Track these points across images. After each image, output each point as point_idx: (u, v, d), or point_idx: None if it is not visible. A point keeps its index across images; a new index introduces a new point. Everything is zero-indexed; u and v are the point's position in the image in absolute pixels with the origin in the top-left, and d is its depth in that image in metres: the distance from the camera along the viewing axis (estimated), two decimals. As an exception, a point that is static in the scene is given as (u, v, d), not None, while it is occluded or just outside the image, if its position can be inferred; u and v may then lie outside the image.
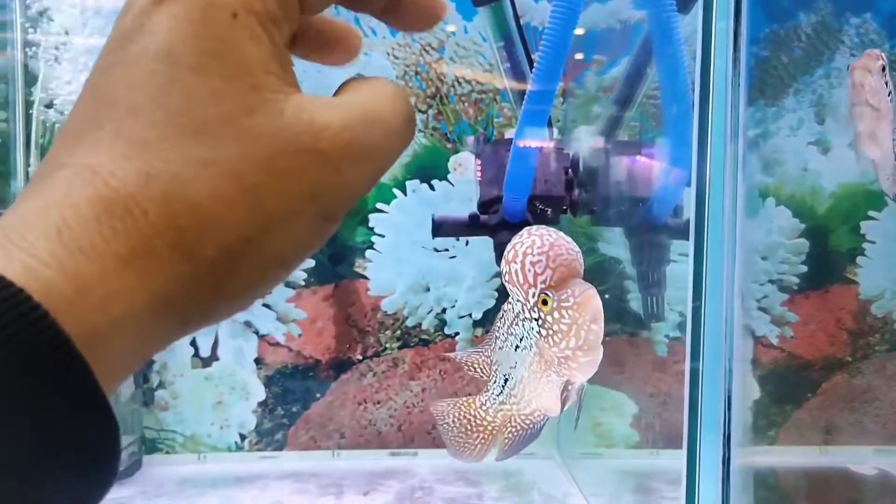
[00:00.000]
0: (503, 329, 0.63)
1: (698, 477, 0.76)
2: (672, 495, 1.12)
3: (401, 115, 0.24)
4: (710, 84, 0.73)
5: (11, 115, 1.12)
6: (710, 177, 0.74)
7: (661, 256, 1.10)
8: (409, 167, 1.24)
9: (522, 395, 0.66)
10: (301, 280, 1.23)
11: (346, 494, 1.08)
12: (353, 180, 0.22)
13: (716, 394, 0.75)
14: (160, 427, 1.20)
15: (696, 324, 0.75)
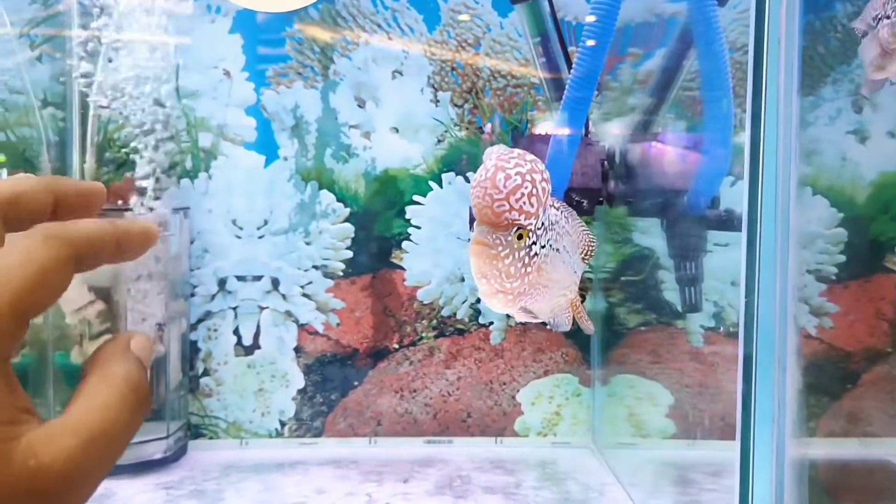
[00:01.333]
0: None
1: (752, 469, 0.74)
2: (712, 486, 1.10)
3: (126, 426, 0.27)
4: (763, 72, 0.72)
5: (68, 115, 1.16)
6: (762, 167, 0.72)
7: (698, 247, 1.08)
8: (444, 160, 1.24)
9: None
10: (339, 271, 1.24)
11: (387, 481, 1.08)
12: (76, 499, 0.25)
13: (769, 386, 0.73)
14: (204, 413, 1.22)
15: (748, 316, 0.73)
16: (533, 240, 0.52)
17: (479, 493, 1.04)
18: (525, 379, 1.25)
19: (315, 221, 1.23)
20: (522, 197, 0.51)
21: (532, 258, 0.53)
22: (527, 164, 0.51)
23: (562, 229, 0.58)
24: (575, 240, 0.62)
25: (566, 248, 0.59)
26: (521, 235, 0.52)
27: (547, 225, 0.54)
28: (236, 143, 1.22)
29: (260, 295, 1.22)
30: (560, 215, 0.57)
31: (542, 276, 0.56)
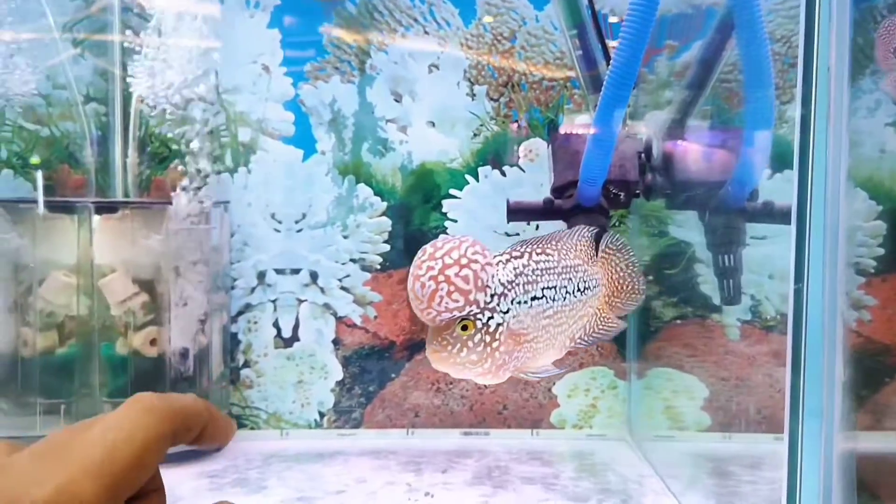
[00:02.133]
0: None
1: (800, 463, 0.73)
2: (750, 478, 1.09)
3: None
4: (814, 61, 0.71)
5: (110, 110, 1.16)
6: (812, 157, 0.71)
7: (736, 240, 1.07)
8: (480, 154, 1.24)
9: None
10: (377, 264, 1.24)
11: (426, 472, 1.08)
12: None
13: (817, 378, 0.72)
14: (245, 404, 1.23)
15: (797, 308, 0.72)
16: (484, 319, 0.52)
17: (517, 483, 1.04)
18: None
19: (352, 215, 1.23)
20: (442, 298, 0.51)
21: (495, 332, 0.53)
22: (437, 262, 0.51)
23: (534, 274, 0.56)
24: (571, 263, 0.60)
25: (549, 286, 0.58)
26: (466, 326, 0.52)
27: (505, 288, 0.53)
28: (275, 138, 1.22)
29: (299, 288, 1.23)
30: (528, 260, 0.56)
31: (520, 338, 0.55)
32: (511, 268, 0.56)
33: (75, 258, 1.10)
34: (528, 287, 0.56)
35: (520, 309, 0.55)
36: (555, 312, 0.58)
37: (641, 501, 0.97)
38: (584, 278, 0.62)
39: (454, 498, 0.97)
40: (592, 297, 0.62)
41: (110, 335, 1.12)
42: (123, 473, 0.25)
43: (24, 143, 1.17)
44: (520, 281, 0.56)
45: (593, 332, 0.64)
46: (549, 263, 0.59)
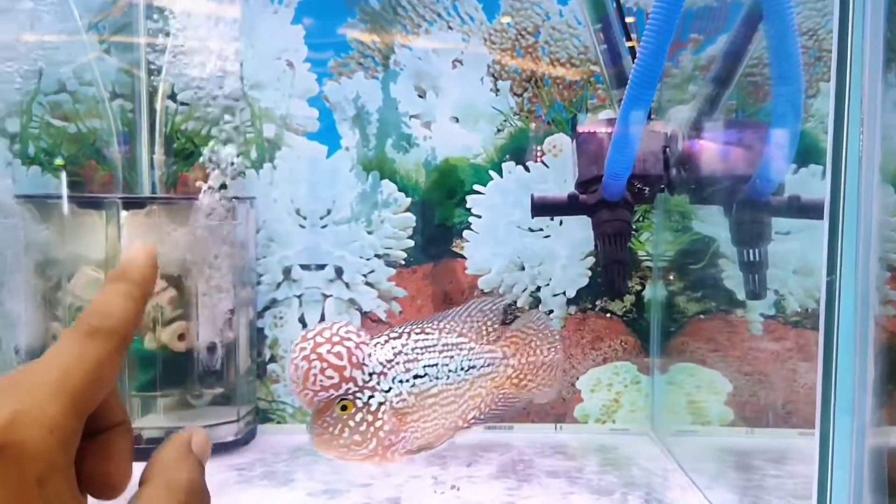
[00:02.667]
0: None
1: (832, 458, 0.73)
2: (775, 472, 1.09)
3: None
4: (848, 54, 0.70)
5: (136, 106, 1.17)
6: (846, 152, 0.70)
7: (762, 234, 1.06)
8: (504, 149, 1.23)
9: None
10: (401, 260, 1.24)
11: (450, 465, 1.09)
12: None
13: (849, 373, 0.72)
14: (272, 399, 1.24)
15: (829, 302, 0.72)
16: (364, 398, 0.52)
17: (542, 476, 1.04)
18: (584, 366, 1.25)
19: (377, 211, 1.23)
20: (316, 376, 0.51)
21: (377, 410, 0.53)
22: (309, 342, 0.52)
23: (414, 352, 0.56)
24: (454, 342, 0.60)
25: (431, 364, 0.58)
26: (345, 406, 0.52)
27: (384, 367, 0.53)
28: (299, 134, 1.22)
29: (324, 283, 1.23)
30: (407, 340, 0.56)
31: (404, 417, 0.55)
32: (390, 347, 0.57)
33: (103, 253, 1.11)
34: (409, 365, 0.57)
35: (402, 387, 0.56)
36: (440, 391, 0.59)
37: (666, 495, 0.98)
38: (470, 357, 0.62)
39: (480, 491, 0.98)
40: (481, 377, 0.62)
41: (139, 330, 1.12)
42: (81, 390, 0.26)
43: (52, 140, 1.18)
44: (399, 360, 0.57)
45: (491, 410, 0.63)
46: (429, 342, 0.60)
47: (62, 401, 0.24)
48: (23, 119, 1.16)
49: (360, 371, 0.53)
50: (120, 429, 0.30)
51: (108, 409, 0.30)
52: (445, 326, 0.60)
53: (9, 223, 1.08)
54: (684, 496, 0.98)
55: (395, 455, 0.55)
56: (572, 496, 0.97)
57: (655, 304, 1.26)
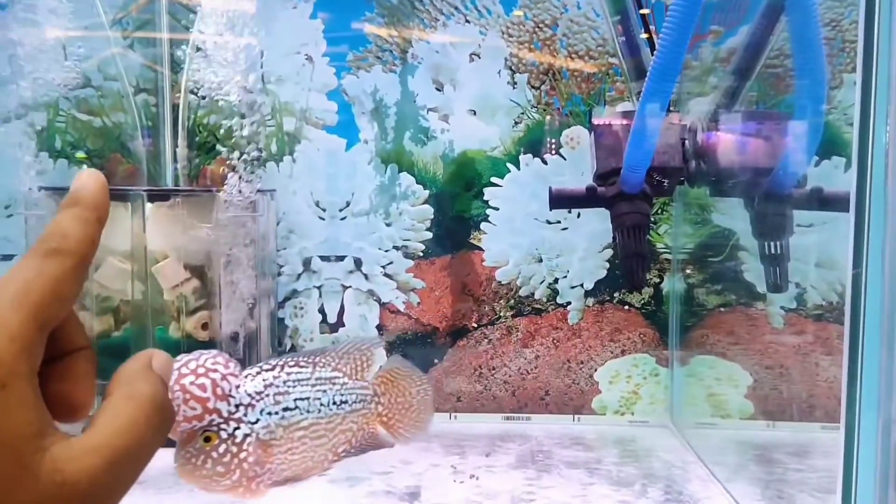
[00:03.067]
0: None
1: (857, 453, 0.72)
2: (797, 466, 1.08)
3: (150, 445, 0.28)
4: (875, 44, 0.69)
5: (160, 101, 1.19)
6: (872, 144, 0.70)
7: (784, 226, 1.05)
8: (521, 141, 1.23)
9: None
10: (419, 251, 1.25)
11: (469, 454, 1.09)
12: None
13: (875, 367, 0.71)
14: (292, 388, 1.25)
15: (855, 299, 0.71)
16: (230, 430, 0.53)
17: (561, 467, 1.04)
18: (602, 358, 1.25)
19: (395, 203, 1.24)
20: (180, 408, 0.52)
21: (242, 442, 0.53)
22: (174, 373, 0.52)
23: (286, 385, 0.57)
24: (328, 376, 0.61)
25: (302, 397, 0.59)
26: (209, 437, 0.52)
27: (252, 399, 0.54)
28: (318, 127, 1.23)
29: (343, 274, 1.24)
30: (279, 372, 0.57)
31: (271, 449, 0.56)
32: (261, 379, 0.58)
33: (129, 245, 1.13)
34: (280, 398, 0.59)
35: (270, 419, 0.57)
36: (310, 424, 0.60)
37: (686, 487, 0.97)
38: (342, 392, 0.64)
39: (499, 481, 0.98)
40: (353, 413, 0.64)
41: (163, 319, 1.14)
42: (41, 303, 0.26)
43: (78, 134, 1.20)
44: (270, 392, 0.58)
45: (361, 445, 0.65)
46: (302, 375, 0.61)
47: (22, 312, 0.25)
48: (49, 113, 1.18)
49: (226, 402, 0.55)
50: (82, 352, 0.31)
51: (70, 333, 0.30)
52: (321, 361, 0.62)
53: (37, 215, 1.11)
54: (705, 489, 0.97)
55: (261, 486, 0.57)
56: (592, 487, 0.97)
57: (674, 296, 1.25)
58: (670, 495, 0.94)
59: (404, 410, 0.66)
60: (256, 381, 0.56)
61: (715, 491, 0.97)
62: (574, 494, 0.94)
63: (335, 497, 0.93)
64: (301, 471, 0.59)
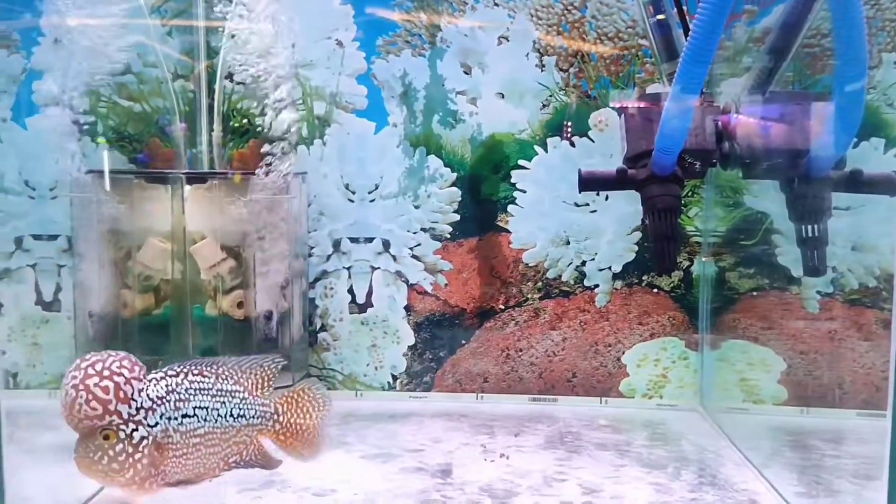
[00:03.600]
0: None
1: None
2: (834, 453, 1.06)
3: None
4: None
5: (197, 86, 1.23)
6: None
7: (822, 209, 1.03)
8: (549, 124, 1.24)
9: None
10: (447, 233, 1.26)
11: (498, 434, 1.10)
12: None
13: None
14: (322, 366, 1.29)
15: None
16: (128, 430, 0.54)
17: (591, 448, 1.04)
18: (630, 341, 1.24)
19: (423, 186, 1.25)
20: (81, 406, 0.53)
21: (139, 444, 0.54)
22: (81, 372, 0.53)
23: (188, 393, 0.58)
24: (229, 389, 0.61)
25: (202, 406, 0.60)
26: (108, 435, 0.53)
27: (154, 403, 0.55)
28: (348, 111, 1.25)
29: (372, 256, 1.27)
30: (182, 379, 0.58)
31: (166, 452, 0.56)
32: (164, 384, 0.60)
33: (169, 226, 1.18)
34: (180, 404, 0.60)
35: (169, 424, 0.59)
36: (206, 432, 0.62)
37: (720, 471, 0.96)
38: (241, 406, 0.65)
39: (529, 460, 0.99)
40: (249, 426, 0.65)
41: (201, 298, 1.18)
42: None
43: (119, 119, 1.25)
44: (171, 398, 0.59)
45: (253, 458, 0.66)
46: (205, 385, 0.62)
47: None
48: (91, 99, 1.23)
49: (127, 405, 0.57)
50: None
51: None
52: (223, 372, 0.64)
53: (83, 197, 1.16)
54: (739, 473, 0.96)
55: (153, 486, 0.59)
56: (624, 469, 0.96)
57: (704, 280, 1.24)
58: (704, 478, 0.93)
59: (301, 431, 0.68)
60: (160, 386, 0.59)
61: (749, 475, 0.95)
62: (606, 475, 0.94)
63: (368, 472, 0.95)
64: (193, 475, 0.61)
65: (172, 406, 0.61)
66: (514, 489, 0.88)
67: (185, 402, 0.62)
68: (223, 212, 1.16)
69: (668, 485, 0.91)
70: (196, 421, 0.62)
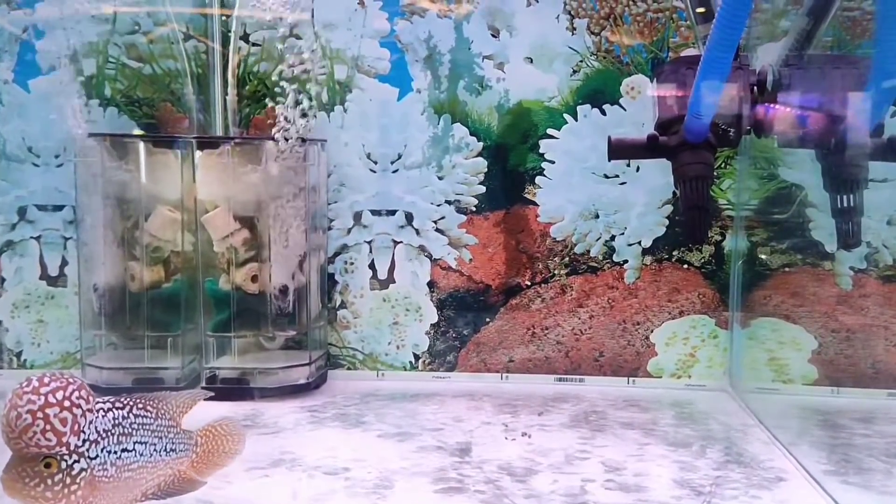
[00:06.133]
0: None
1: None
2: (864, 432, 1.06)
3: None
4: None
5: (210, 48, 1.18)
6: None
7: (858, 177, 1.01)
8: (580, 91, 1.21)
9: None
10: (472, 206, 1.24)
11: (521, 413, 1.10)
12: None
13: None
14: (342, 345, 1.26)
15: None
16: (69, 461, 0.54)
17: (616, 427, 1.04)
18: (659, 319, 1.23)
19: (448, 156, 1.23)
20: (35, 434, 0.54)
21: (77, 476, 0.55)
22: (40, 398, 0.53)
23: (131, 427, 0.60)
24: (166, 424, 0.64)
25: (141, 441, 0.61)
26: (49, 464, 0.53)
27: (99, 436, 0.55)
28: (371, 76, 1.23)
29: (394, 229, 1.25)
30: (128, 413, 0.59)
31: (99, 486, 0.57)
32: (111, 417, 0.60)
33: (179, 194, 1.14)
34: (122, 438, 0.61)
35: (108, 458, 0.59)
36: (139, 467, 0.63)
37: (747, 450, 0.96)
38: (174, 440, 0.67)
39: (553, 439, 0.98)
40: (176, 460, 0.66)
41: (213, 272, 1.15)
42: None
43: (128, 81, 1.20)
44: (116, 431, 0.60)
45: (168, 488, 0.68)
46: (147, 420, 0.63)
47: None
48: (98, 60, 1.18)
49: (77, 437, 0.57)
50: None
51: None
52: (162, 408, 0.65)
53: (86, 161, 1.11)
54: (767, 451, 0.96)
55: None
56: (648, 447, 0.96)
57: (736, 255, 1.23)
58: (730, 457, 0.93)
59: (212, 460, 0.71)
60: (107, 419, 0.59)
61: (777, 454, 0.96)
62: (630, 454, 0.94)
63: (385, 451, 0.93)
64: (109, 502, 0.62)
65: (115, 440, 0.63)
66: (534, 467, 0.90)
67: (128, 437, 0.63)
68: (237, 179, 1.13)
69: (693, 463, 0.90)
70: (133, 455, 0.64)
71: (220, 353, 1.20)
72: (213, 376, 1.16)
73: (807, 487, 0.86)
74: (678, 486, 0.84)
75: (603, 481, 0.85)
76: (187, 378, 1.18)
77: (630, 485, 0.84)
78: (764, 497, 0.82)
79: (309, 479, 0.83)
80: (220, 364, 1.18)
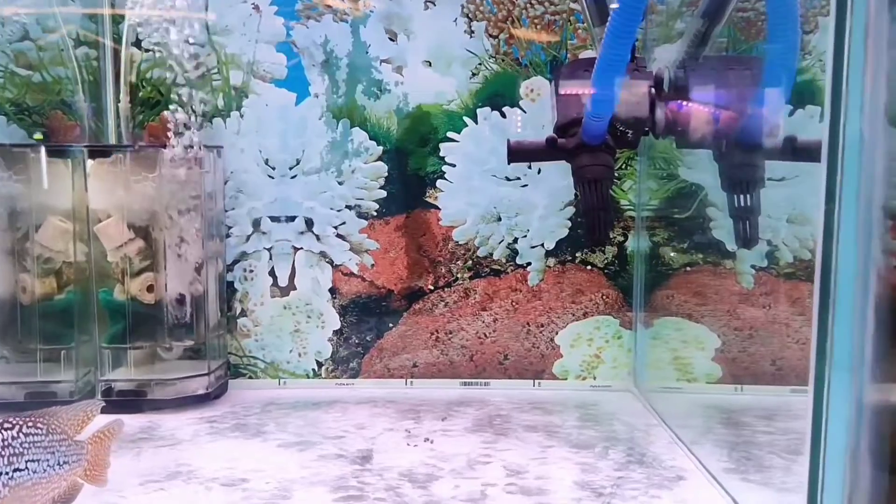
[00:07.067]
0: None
1: (826, 416, 0.70)
2: (766, 429, 1.06)
3: None
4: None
5: (101, 54, 1.16)
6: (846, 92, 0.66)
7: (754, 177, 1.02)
8: (479, 94, 1.20)
9: None
10: (373, 211, 1.22)
11: (425, 419, 1.06)
12: None
13: (847, 327, 0.68)
14: (243, 353, 1.24)
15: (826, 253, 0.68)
16: None
17: (520, 430, 1.01)
18: (564, 321, 1.22)
19: (347, 160, 1.20)
20: None
21: None
22: None
23: (22, 447, 0.58)
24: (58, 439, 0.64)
25: (34, 459, 0.60)
26: None
27: None
28: (267, 81, 1.18)
29: (294, 236, 1.21)
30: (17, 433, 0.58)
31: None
32: (0, 439, 0.59)
33: (70, 203, 1.12)
34: (13, 459, 0.60)
35: (0, 479, 0.59)
36: (34, 484, 0.62)
37: (649, 450, 0.94)
38: (67, 453, 0.67)
39: (455, 444, 0.96)
40: (69, 472, 0.67)
41: (108, 282, 1.13)
42: None
43: (17, 90, 1.18)
44: (6, 453, 0.59)
45: (61, 497, 0.68)
46: (37, 438, 0.63)
47: None
48: (-13, 69, 1.16)
49: None
50: None
51: None
52: (53, 423, 0.65)
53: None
54: (669, 451, 0.94)
55: None
56: (551, 450, 0.95)
57: (639, 255, 1.22)
58: (632, 457, 0.92)
59: (102, 463, 0.71)
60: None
61: (679, 453, 0.93)
62: (532, 457, 0.90)
63: (284, 460, 0.91)
64: None
65: (6, 461, 0.61)
66: (435, 473, 0.83)
67: (19, 457, 0.62)
68: (130, 188, 1.11)
69: (595, 464, 0.90)
70: (26, 474, 0.62)
71: (116, 365, 1.11)
72: (109, 388, 1.09)
73: (706, 486, 0.83)
74: (579, 487, 0.79)
75: (504, 485, 0.81)
76: (82, 391, 1.07)
77: (532, 488, 0.81)
78: (663, 496, 0.79)
79: (206, 492, 0.78)
80: (116, 376, 1.11)
